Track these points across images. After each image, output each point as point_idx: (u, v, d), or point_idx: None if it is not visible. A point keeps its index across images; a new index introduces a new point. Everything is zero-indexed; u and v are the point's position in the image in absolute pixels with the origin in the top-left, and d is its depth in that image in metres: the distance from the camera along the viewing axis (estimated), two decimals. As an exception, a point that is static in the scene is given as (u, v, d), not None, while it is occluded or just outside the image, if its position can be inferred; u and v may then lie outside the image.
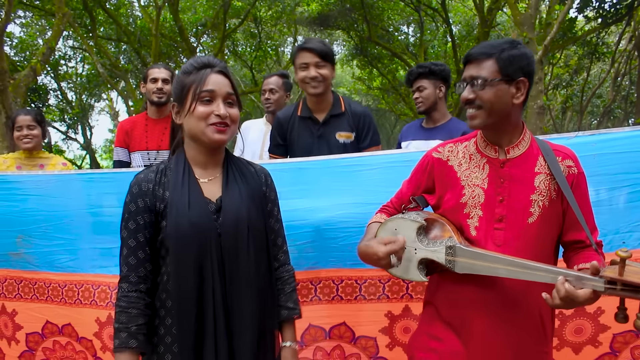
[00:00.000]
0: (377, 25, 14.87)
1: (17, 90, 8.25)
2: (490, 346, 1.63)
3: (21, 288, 2.60)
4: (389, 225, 1.75)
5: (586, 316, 2.10)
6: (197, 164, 1.66)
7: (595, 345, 2.10)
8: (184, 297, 1.54)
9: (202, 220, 1.56)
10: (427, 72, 3.26)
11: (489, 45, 1.64)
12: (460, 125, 3.33)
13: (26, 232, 2.58)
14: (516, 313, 1.63)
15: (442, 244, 1.65)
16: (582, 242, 1.67)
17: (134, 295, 1.57)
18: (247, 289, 1.60)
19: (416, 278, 1.69)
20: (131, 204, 1.61)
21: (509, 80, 1.61)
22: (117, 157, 3.60)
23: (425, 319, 1.83)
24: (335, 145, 2.78)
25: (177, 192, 1.58)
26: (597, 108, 19.63)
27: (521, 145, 1.69)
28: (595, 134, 2.13)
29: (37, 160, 3.58)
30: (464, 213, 1.69)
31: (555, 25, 9.14)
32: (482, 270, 1.58)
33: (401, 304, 2.30)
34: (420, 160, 1.87)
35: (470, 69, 1.64)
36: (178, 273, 1.55)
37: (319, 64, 2.71)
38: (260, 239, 1.66)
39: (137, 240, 1.59)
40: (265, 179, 1.77)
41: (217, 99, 1.59)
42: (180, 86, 1.62)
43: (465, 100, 1.63)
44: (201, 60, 1.63)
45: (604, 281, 1.36)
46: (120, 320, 1.55)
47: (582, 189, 1.68)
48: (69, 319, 2.54)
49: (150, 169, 1.67)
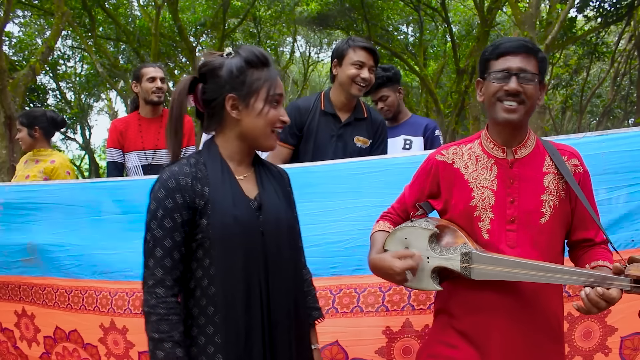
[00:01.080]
0: (376, 25, 14.85)
1: (16, 89, 8.22)
2: (511, 350, 1.60)
3: (33, 294, 2.62)
4: (398, 234, 1.70)
5: (593, 317, 2.07)
6: (232, 160, 1.55)
7: (605, 353, 2.06)
8: (231, 304, 1.43)
9: (247, 218, 1.47)
10: (386, 81, 3.28)
11: (528, 42, 1.63)
12: (422, 120, 3.45)
13: (35, 239, 2.59)
14: (533, 314, 1.61)
15: (457, 251, 1.60)
16: (590, 240, 1.66)
17: (172, 301, 1.43)
18: (290, 291, 1.54)
19: (430, 287, 1.65)
20: (167, 199, 1.44)
21: (541, 81, 1.63)
22: (111, 158, 3.55)
23: (437, 327, 1.77)
24: (351, 148, 2.74)
25: (219, 189, 1.47)
26: (597, 108, 19.63)
27: (527, 145, 1.67)
28: (603, 134, 2.11)
29: (36, 157, 3.68)
30: (475, 216, 1.65)
31: (556, 25, 9.12)
32: (500, 275, 1.54)
33: (401, 318, 2.17)
34: (422, 163, 1.81)
35: (517, 60, 1.59)
36: (225, 273, 1.44)
37: (373, 68, 2.72)
38: (295, 238, 1.63)
39: (174, 240, 1.43)
40: (288, 180, 1.71)
41: (281, 103, 1.54)
42: (249, 80, 1.49)
43: (514, 91, 1.58)
44: (263, 55, 1.52)
45: (630, 280, 1.36)
46: (161, 330, 1.39)
47: (588, 187, 1.68)
48: (75, 325, 2.54)
49: (182, 162, 1.52)
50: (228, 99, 1.50)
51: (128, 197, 2.51)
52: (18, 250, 2.62)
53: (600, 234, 1.64)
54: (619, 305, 1.46)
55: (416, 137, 3.28)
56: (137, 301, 2.40)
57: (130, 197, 2.50)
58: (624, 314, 1.97)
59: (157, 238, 1.44)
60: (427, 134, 3.29)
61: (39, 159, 3.64)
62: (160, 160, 3.43)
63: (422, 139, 3.27)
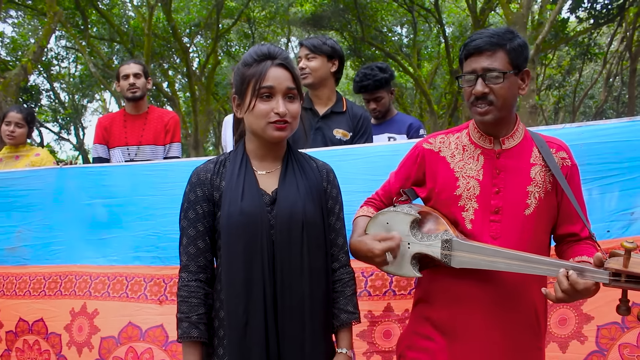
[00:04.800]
0: (370, 26, 14.89)
1: (8, 89, 8.20)
2: (487, 342, 1.58)
3: (6, 284, 2.60)
4: (380, 219, 1.69)
5: (569, 305, 2.05)
6: (255, 156, 1.62)
7: (581, 341, 2.05)
8: (233, 289, 1.51)
9: (254, 210, 1.52)
10: (383, 82, 3.29)
11: (495, 35, 1.57)
12: (406, 118, 3.48)
13: (25, 226, 2.60)
14: (512, 308, 1.59)
15: (438, 238, 1.58)
16: (575, 234, 1.64)
17: (194, 285, 1.55)
18: (299, 286, 1.52)
19: (409, 274, 1.64)
20: (190, 193, 1.59)
21: (517, 72, 1.57)
22: (96, 154, 3.59)
23: (415, 317, 1.76)
24: (331, 140, 2.77)
25: (232, 182, 1.56)
26: (590, 109, 19.75)
27: (515, 136, 1.65)
28: (583, 126, 2.13)
29: (15, 153, 3.69)
30: (459, 206, 1.63)
31: (547, 25, 9.19)
32: (480, 264, 1.53)
33: (383, 303, 2.18)
34: (409, 151, 1.80)
35: (481, 60, 1.56)
36: (229, 262, 1.52)
37: (308, 55, 2.75)
38: (316, 235, 1.58)
39: (197, 230, 1.57)
40: (327, 175, 1.69)
41: (277, 95, 1.53)
42: (241, 79, 1.57)
43: (480, 94, 1.56)
44: (262, 51, 1.56)
45: (609, 273, 1.34)
46: (182, 310, 1.54)
47: (576, 181, 1.65)
48: (42, 312, 2.52)
49: (211, 160, 1.65)
50: (233, 100, 1.63)
51: (112, 183, 2.52)
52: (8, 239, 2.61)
53: (586, 230, 1.62)
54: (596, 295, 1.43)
55: (400, 135, 3.32)
56: (118, 285, 2.41)
57: (114, 183, 2.52)
58: (599, 304, 1.96)
59: (184, 228, 1.59)
60: (411, 133, 3.31)
61: (20, 154, 3.67)
62: (143, 157, 3.43)
63: (405, 138, 3.29)
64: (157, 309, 2.34)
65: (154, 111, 3.61)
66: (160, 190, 2.43)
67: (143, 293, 2.37)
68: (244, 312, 1.49)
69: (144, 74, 3.49)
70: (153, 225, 2.41)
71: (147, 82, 3.53)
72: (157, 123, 3.51)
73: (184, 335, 1.53)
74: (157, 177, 2.47)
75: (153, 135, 3.48)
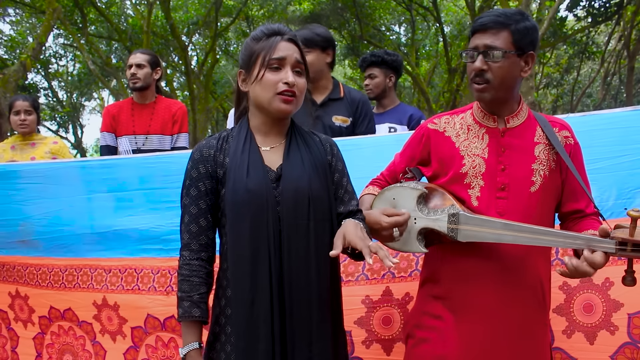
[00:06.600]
0: (368, 25, 14.89)
1: (7, 85, 8.18)
2: (495, 318, 1.61)
3: (27, 274, 2.63)
4: (387, 194, 1.70)
5: (594, 288, 1.92)
6: (259, 132, 1.61)
7: (611, 331, 1.87)
8: (239, 266, 1.50)
9: (259, 187, 1.51)
10: (379, 61, 3.35)
11: (502, 15, 1.58)
12: (407, 109, 3.51)
13: (29, 220, 2.61)
14: (519, 283, 1.61)
15: (444, 212, 1.60)
16: (581, 211, 1.66)
17: (195, 264, 1.54)
18: (306, 262, 1.52)
19: (415, 249, 1.66)
20: (192, 170, 1.57)
21: (521, 53, 1.58)
22: (104, 142, 3.58)
23: (423, 296, 1.77)
24: (331, 128, 2.78)
25: (236, 159, 1.54)
26: (588, 107, 19.78)
27: (520, 116, 1.68)
28: (587, 114, 2.14)
29: (30, 141, 3.76)
30: (465, 183, 1.65)
31: (545, 22, 9.21)
32: (487, 237, 1.54)
33: (381, 286, 2.12)
34: (414, 132, 1.83)
35: (485, 37, 1.58)
36: (235, 240, 1.51)
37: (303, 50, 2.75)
38: (322, 210, 1.57)
39: (199, 207, 1.56)
40: (331, 148, 1.69)
41: (286, 67, 1.54)
42: (249, 53, 1.57)
43: (478, 70, 1.58)
44: (271, 28, 1.58)
45: (615, 242, 1.36)
46: (182, 289, 1.53)
47: (579, 159, 1.68)
48: (69, 303, 2.55)
49: (213, 136, 1.63)
50: (239, 75, 1.63)
51: (117, 176, 2.53)
52: (14, 232, 2.63)
53: (591, 206, 1.64)
54: None
55: (401, 125, 3.33)
56: (129, 277, 2.42)
57: (120, 176, 2.53)
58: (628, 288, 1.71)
59: (185, 205, 1.58)
60: (412, 124, 3.33)
61: (36, 142, 3.75)
62: (151, 146, 3.44)
63: (406, 129, 3.30)
64: (165, 300, 2.35)
65: (162, 101, 3.61)
66: (166, 182, 2.43)
67: (152, 285, 2.39)
68: (250, 289, 1.49)
69: (149, 65, 3.48)
70: (158, 217, 2.42)
71: (154, 72, 3.52)
72: (165, 113, 3.53)
73: (185, 315, 1.52)
74: (162, 169, 2.48)
75: (161, 125, 3.50)
